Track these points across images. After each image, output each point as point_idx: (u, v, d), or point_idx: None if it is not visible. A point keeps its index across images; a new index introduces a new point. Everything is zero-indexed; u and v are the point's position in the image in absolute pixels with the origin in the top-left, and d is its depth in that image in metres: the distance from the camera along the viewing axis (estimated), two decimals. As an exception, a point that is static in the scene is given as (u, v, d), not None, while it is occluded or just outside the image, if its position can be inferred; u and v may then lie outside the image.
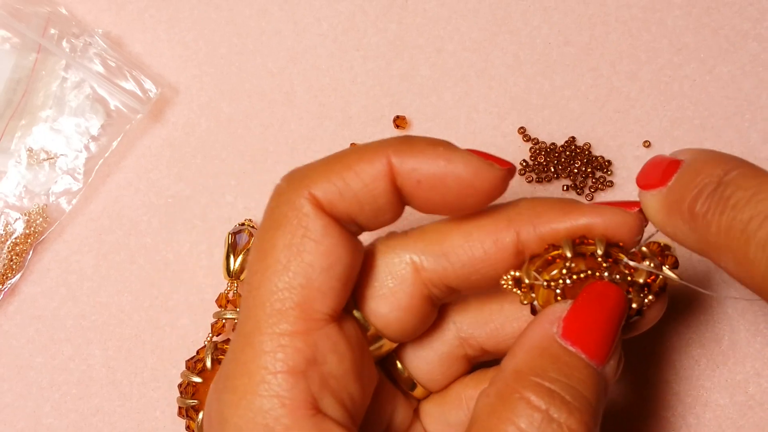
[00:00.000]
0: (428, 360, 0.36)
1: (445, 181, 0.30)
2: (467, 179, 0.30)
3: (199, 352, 0.44)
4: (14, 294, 0.46)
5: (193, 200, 0.47)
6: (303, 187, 0.31)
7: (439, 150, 0.31)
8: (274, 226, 0.31)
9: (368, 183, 0.31)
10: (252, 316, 0.30)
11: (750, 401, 0.43)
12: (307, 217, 0.30)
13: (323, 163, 0.31)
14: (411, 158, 0.30)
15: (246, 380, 0.30)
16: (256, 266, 0.31)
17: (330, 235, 0.30)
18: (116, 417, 0.45)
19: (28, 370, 0.45)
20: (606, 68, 0.47)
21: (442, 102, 0.47)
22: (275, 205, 0.31)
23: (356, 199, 0.31)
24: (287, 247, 0.30)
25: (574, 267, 0.31)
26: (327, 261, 0.30)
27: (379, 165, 0.31)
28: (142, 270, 0.46)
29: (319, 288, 0.30)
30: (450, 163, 0.30)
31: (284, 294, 0.30)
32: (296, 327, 0.30)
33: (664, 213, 0.30)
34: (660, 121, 0.46)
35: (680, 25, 0.47)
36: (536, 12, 0.48)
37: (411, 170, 0.30)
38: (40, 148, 0.46)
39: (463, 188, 0.30)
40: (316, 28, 0.48)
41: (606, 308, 0.30)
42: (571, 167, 0.45)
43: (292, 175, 0.32)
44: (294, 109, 0.47)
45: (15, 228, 0.46)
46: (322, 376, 0.30)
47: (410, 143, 0.31)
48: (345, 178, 0.30)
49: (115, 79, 0.47)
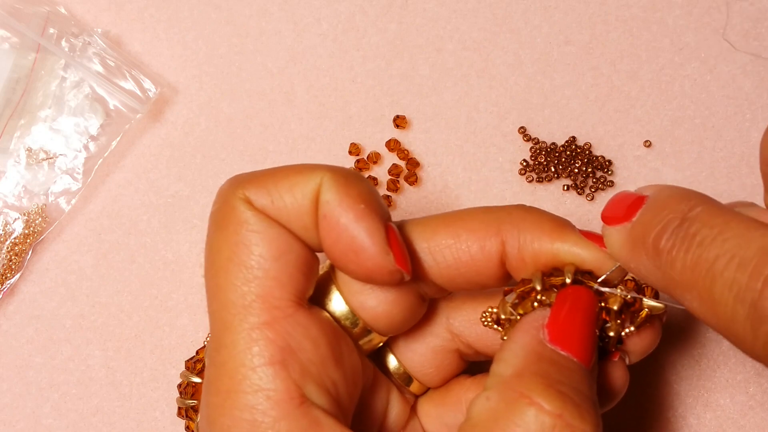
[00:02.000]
0: (421, 353, 0.36)
1: (342, 233, 0.30)
2: (358, 247, 0.30)
3: (198, 353, 0.43)
4: (13, 294, 0.46)
5: (193, 200, 0.47)
6: (239, 188, 0.31)
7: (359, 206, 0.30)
8: (218, 228, 0.31)
9: (298, 199, 0.31)
10: (219, 318, 0.31)
11: (751, 401, 0.43)
12: (244, 214, 0.31)
13: (265, 171, 0.32)
14: (332, 193, 0.30)
15: (227, 380, 0.30)
16: (211, 270, 0.31)
17: (272, 227, 0.31)
18: (116, 417, 0.45)
19: (28, 370, 0.45)
20: (606, 67, 0.47)
21: (442, 102, 0.47)
22: (216, 208, 0.32)
23: (286, 210, 0.31)
24: (235, 245, 0.30)
25: (544, 300, 0.31)
26: (277, 250, 0.30)
27: (311, 185, 0.31)
28: (141, 270, 0.46)
29: (275, 276, 0.30)
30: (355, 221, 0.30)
31: (243, 289, 0.30)
32: (263, 318, 0.30)
33: (628, 248, 0.30)
34: (661, 121, 0.46)
35: (681, 24, 0.47)
36: (536, 11, 0.48)
37: (325, 202, 0.30)
38: (39, 148, 0.46)
39: (352, 251, 0.30)
40: (316, 27, 0.48)
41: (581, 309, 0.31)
42: (572, 167, 0.45)
43: (232, 179, 0.32)
44: (294, 109, 0.47)
45: (14, 228, 0.46)
46: (301, 364, 0.30)
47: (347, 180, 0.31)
48: (278, 187, 0.31)
49: (114, 79, 0.47)
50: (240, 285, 0.30)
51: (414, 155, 0.47)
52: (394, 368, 0.37)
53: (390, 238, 0.31)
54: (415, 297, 0.34)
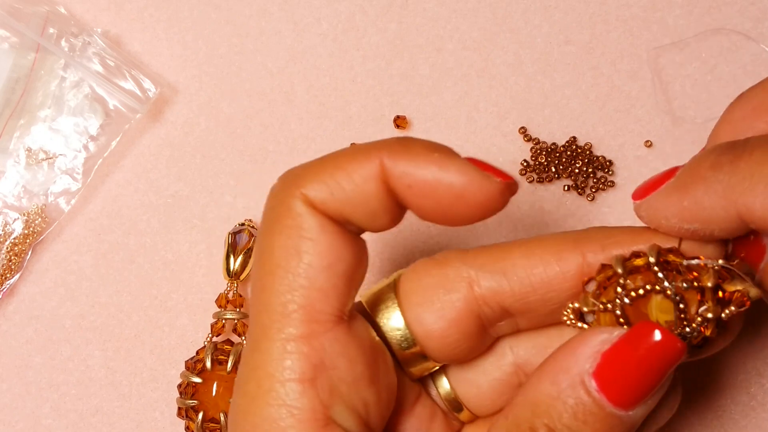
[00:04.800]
0: (478, 384, 0.34)
1: (437, 189, 0.29)
2: (459, 189, 0.29)
3: (198, 353, 0.43)
4: (13, 294, 0.46)
5: (193, 200, 0.47)
6: (295, 187, 0.30)
7: (434, 156, 0.29)
8: (271, 229, 0.30)
9: (359, 184, 0.29)
10: (258, 322, 0.30)
11: (752, 401, 0.43)
12: (300, 217, 0.29)
13: (316, 162, 0.31)
14: (403, 161, 0.29)
15: (255, 386, 0.29)
16: (258, 271, 0.30)
17: (326, 232, 0.29)
18: (115, 417, 0.45)
19: (27, 370, 0.45)
20: (607, 67, 0.47)
21: (442, 102, 0.47)
22: (270, 207, 0.31)
23: (348, 199, 0.30)
24: (285, 249, 0.29)
25: (629, 284, 0.29)
26: (326, 259, 0.29)
27: (371, 166, 0.29)
28: (141, 270, 0.46)
29: (320, 288, 0.29)
30: (442, 170, 0.29)
31: (287, 297, 0.29)
32: (301, 330, 0.29)
33: (677, 195, 0.28)
34: (661, 121, 0.46)
35: (681, 24, 0.47)
36: (537, 11, 0.48)
37: (402, 174, 0.29)
38: (38, 148, 0.46)
39: (455, 198, 0.29)
40: (316, 27, 0.48)
41: (646, 354, 0.27)
42: (572, 167, 0.45)
43: (285, 176, 0.31)
44: (294, 109, 0.47)
45: (14, 228, 0.45)
46: (331, 383, 0.29)
47: (406, 145, 0.30)
48: (336, 177, 0.30)
49: (114, 79, 0.46)
50: (284, 292, 0.29)
51: (414, 155, 0.46)
52: (446, 394, 0.34)
53: (475, 163, 0.29)
54: (475, 321, 0.32)
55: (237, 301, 0.44)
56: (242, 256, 0.44)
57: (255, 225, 0.45)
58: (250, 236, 0.44)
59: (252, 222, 0.45)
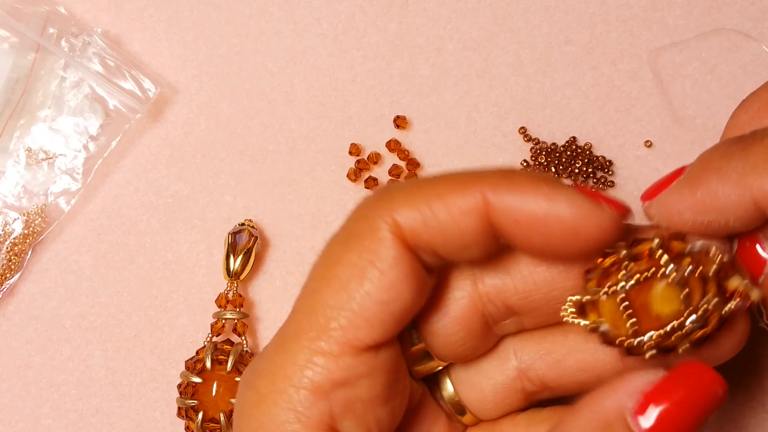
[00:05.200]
0: (481, 388, 0.34)
1: (547, 222, 0.27)
2: (572, 222, 0.27)
3: (198, 353, 0.43)
4: (13, 294, 0.46)
5: (193, 200, 0.46)
6: (386, 208, 0.28)
7: (542, 187, 0.28)
8: (346, 240, 0.29)
9: (457, 216, 0.28)
10: (295, 321, 0.29)
11: (752, 401, 0.43)
12: (380, 242, 0.28)
13: (413, 185, 0.29)
14: (510, 195, 0.28)
15: (270, 384, 0.29)
16: (317, 272, 0.29)
17: (398, 268, 0.28)
18: (115, 417, 0.45)
19: (27, 370, 0.45)
20: (607, 67, 0.47)
21: (443, 102, 0.47)
22: (355, 217, 0.29)
23: (441, 231, 0.28)
24: (350, 267, 0.28)
25: (632, 268, 0.28)
26: (386, 295, 0.28)
27: (472, 198, 0.28)
28: (141, 270, 0.46)
29: (369, 319, 0.28)
30: (553, 202, 0.27)
31: (333, 312, 0.28)
32: (334, 349, 0.28)
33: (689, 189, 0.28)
34: (661, 121, 0.46)
35: (681, 24, 0.47)
36: (537, 11, 0.48)
37: (509, 208, 0.28)
38: (38, 148, 0.46)
39: (567, 232, 0.27)
40: (316, 27, 0.48)
41: (695, 396, 0.27)
42: (572, 167, 0.45)
43: (380, 191, 0.30)
44: (294, 109, 0.47)
45: (13, 228, 0.45)
46: (348, 399, 0.28)
47: (509, 178, 0.28)
48: (433, 207, 0.28)
49: (114, 79, 0.46)
50: (332, 307, 0.28)
51: (414, 155, 0.46)
52: (449, 397, 0.34)
53: (585, 193, 0.28)
54: (480, 319, 0.31)
55: (237, 301, 0.44)
56: (242, 256, 0.44)
57: (255, 225, 0.45)
58: (250, 236, 0.44)
59: (252, 222, 0.45)
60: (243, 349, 0.43)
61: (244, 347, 0.43)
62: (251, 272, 0.45)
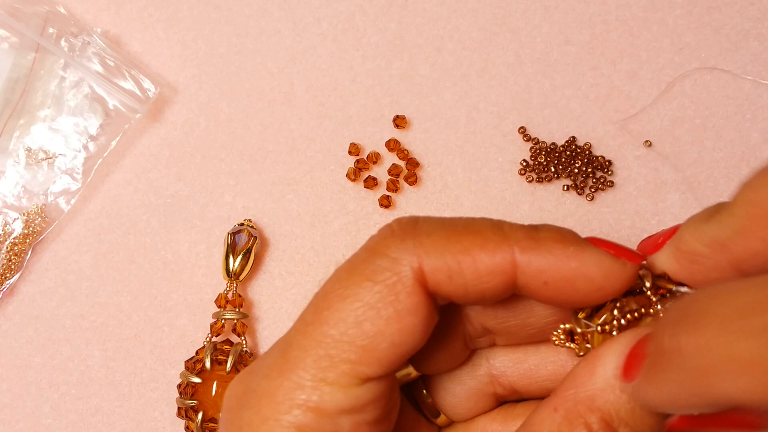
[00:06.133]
0: (455, 393, 0.35)
1: (575, 283, 0.28)
2: (599, 282, 0.28)
3: (198, 353, 0.43)
4: (13, 294, 0.46)
5: (192, 200, 0.47)
6: (413, 253, 0.28)
7: (570, 250, 0.28)
8: (368, 275, 0.29)
9: (483, 276, 0.28)
10: (303, 347, 0.29)
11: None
12: (403, 287, 0.28)
13: (442, 232, 0.29)
14: (539, 258, 0.28)
15: (274, 407, 0.29)
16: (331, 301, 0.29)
17: (416, 315, 0.28)
18: (115, 417, 0.45)
19: (27, 370, 0.45)
20: (606, 67, 0.47)
21: (442, 101, 0.47)
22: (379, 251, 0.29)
23: (464, 285, 0.29)
24: (369, 306, 0.28)
25: (625, 307, 0.29)
26: (400, 338, 0.28)
27: (500, 260, 0.28)
28: (141, 270, 0.46)
29: (379, 358, 0.28)
30: (582, 265, 0.28)
31: (344, 346, 0.28)
32: (341, 380, 0.28)
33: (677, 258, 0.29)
34: (661, 121, 0.46)
35: (681, 24, 0.47)
36: (537, 11, 0.48)
37: (538, 272, 0.28)
38: (38, 148, 0.46)
39: (593, 288, 0.29)
40: (316, 27, 0.48)
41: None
42: (572, 167, 0.45)
43: (406, 231, 0.29)
44: (293, 109, 0.47)
45: (13, 228, 0.45)
46: (355, 423, 0.29)
47: (537, 240, 0.28)
48: (461, 263, 0.28)
49: (113, 79, 0.46)
50: (345, 341, 0.28)
51: (414, 155, 0.46)
52: (423, 400, 0.35)
53: (607, 249, 0.29)
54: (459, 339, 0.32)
55: (236, 301, 0.44)
56: (241, 256, 0.44)
57: (254, 225, 0.45)
58: (250, 236, 0.44)
59: (251, 222, 0.45)
60: (242, 349, 0.43)
61: (243, 347, 0.43)
62: (251, 272, 0.45)
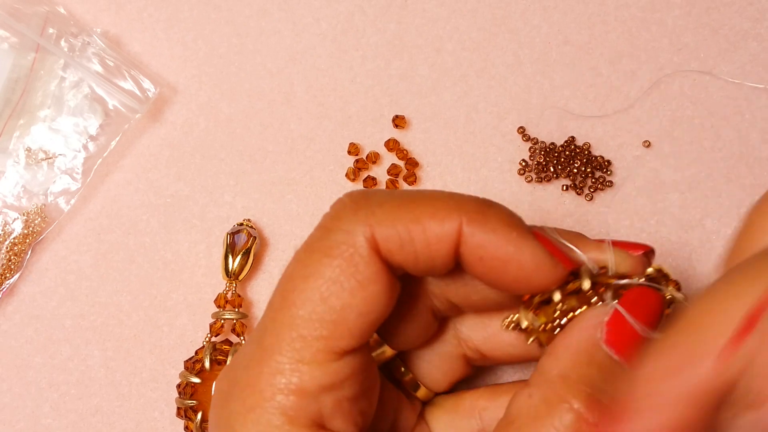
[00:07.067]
0: (428, 360, 0.36)
1: (508, 266, 0.30)
2: (529, 272, 0.30)
3: (197, 353, 0.43)
4: (13, 294, 0.46)
5: (192, 200, 0.47)
6: (367, 224, 0.29)
7: (512, 234, 0.29)
8: (325, 252, 0.29)
9: (432, 244, 0.29)
10: (276, 333, 0.30)
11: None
12: (361, 258, 0.29)
13: (393, 203, 0.30)
14: (482, 234, 0.29)
15: (257, 395, 0.29)
16: (295, 282, 0.30)
17: (377, 282, 0.29)
18: (115, 417, 0.45)
19: (27, 370, 0.45)
20: (606, 67, 0.47)
21: (442, 101, 0.47)
22: (333, 228, 0.30)
23: (414, 253, 0.29)
24: (332, 281, 0.29)
25: (565, 307, 0.31)
26: (366, 307, 0.29)
27: (449, 228, 0.29)
28: (140, 270, 0.46)
29: (350, 329, 0.29)
30: (518, 251, 0.29)
31: (314, 325, 0.29)
32: (317, 358, 0.29)
33: None
34: (660, 121, 0.46)
35: (680, 24, 0.47)
36: (536, 11, 0.48)
37: (478, 246, 0.29)
38: (38, 148, 0.46)
39: (522, 276, 0.30)
40: (315, 28, 0.48)
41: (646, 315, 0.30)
42: (571, 167, 0.45)
43: (358, 203, 0.30)
44: (293, 109, 0.47)
45: (13, 228, 0.46)
46: (336, 400, 0.29)
47: (484, 216, 0.30)
48: (411, 230, 0.29)
49: (113, 79, 0.47)
50: (314, 320, 0.29)
51: (413, 155, 0.47)
52: (402, 375, 0.36)
53: (547, 247, 0.30)
54: (430, 315, 0.33)
55: (236, 301, 0.44)
56: (241, 256, 0.44)
57: (254, 225, 0.45)
58: (249, 236, 0.44)
59: (251, 222, 0.45)
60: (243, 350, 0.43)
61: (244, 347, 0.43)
62: (250, 272, 0.45)
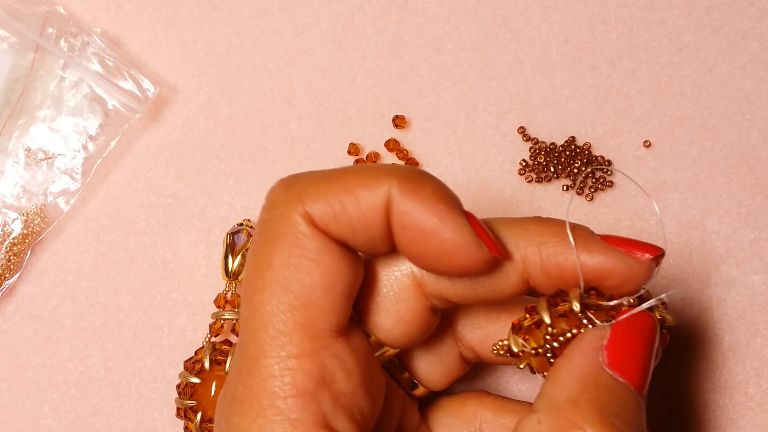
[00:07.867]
0: (425, 359, 0.36)
1: (430, 239, 0.29)
2: (451, 248, 0.29)
3: (197, 353, 0.43)
4: (12, 294, 0.46)
5: (192, 200, 0.47)
6: (298, 202, 0.29)
7: (439, 207, 0.29)
8: (270, 242, 0.29)
9: (366, 212, 0.29)
10: (255, 338, 0.29)
11: (750, 402, 0.43)
12: (303, 236, 0.29)
13: (323, 178, 0.30)
14: (409, 201, 0.29)
15: (255, 404, 0.29)
16: (255, 284, 0.30)
17: (328, 253, 0.29)
18: (114, 417, 0.45)
19: (27, 370, 0.45)
20: (606, 67, 0.47)
21: (442, 101, 0.47)
22: (270, 218, 0.30)
23: (351, 225, 0.29)
24: (285, 267, 0.29)
25: (556, 331, 0.30)
26: (328, 280, 0.29)
27: (380, 194, 0.29)
28: (140, 270, 0.46)
29: (322, 307, 0.29)
30: (441, 224, 0.29)
31: (286, 315, 0.29)
32: (302, 348, 0.29)
33: None
34: (660, 121, 0.46)
35: (680, 24, 0.47)
36: (536, 11, 0.48)
37: (402, 213, 0.29)
38: (37, 148, 0.46)
39: (444, 254, 0.29)
40: (315, 28, 0.48)
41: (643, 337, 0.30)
42: (571, 167, 0.45)
43: (289, 186, 0.30)
44: (293, 109, 0.47)
45: (13, 228, 0.45)
46: (333, 396, 0.29)
47: (415, 184, 0.29)
48: (343, 201, 0.29)
49: (113, 79, 0.47)
50: (284, 311, 0.29)
51: (413, 155, 0.47)
52: (398, 373, 0.36)
53: (475, 228, 0.29)
54: (429, 313, 0.33)
55: (235, 301, 0.44)
56: (240, 257, 0.44)
57: (254, 225, 0.45)
58: (249, 236, 0.44)
59: (251, 222, 0.45)
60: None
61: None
62: (250, 272, 0.45)
